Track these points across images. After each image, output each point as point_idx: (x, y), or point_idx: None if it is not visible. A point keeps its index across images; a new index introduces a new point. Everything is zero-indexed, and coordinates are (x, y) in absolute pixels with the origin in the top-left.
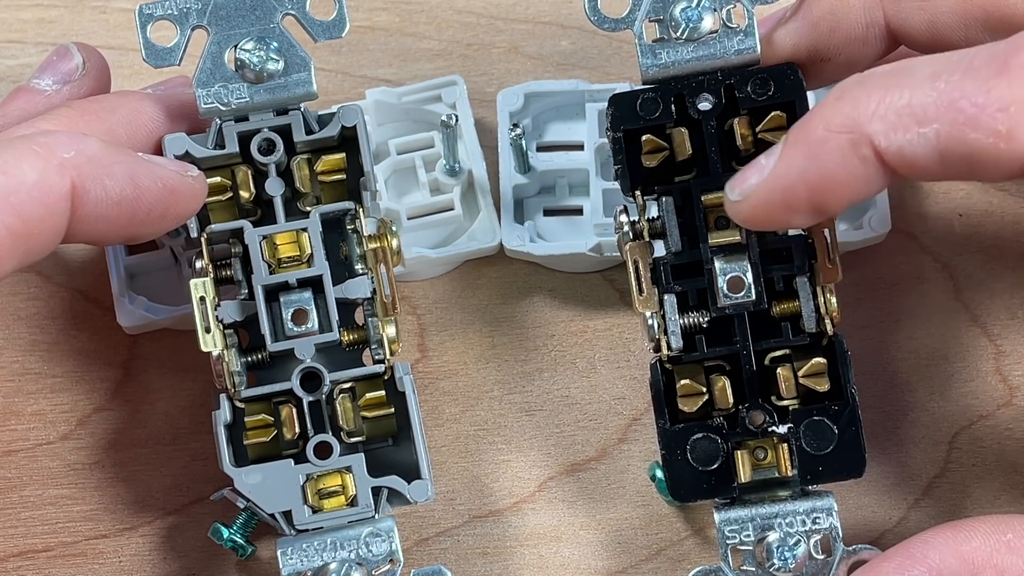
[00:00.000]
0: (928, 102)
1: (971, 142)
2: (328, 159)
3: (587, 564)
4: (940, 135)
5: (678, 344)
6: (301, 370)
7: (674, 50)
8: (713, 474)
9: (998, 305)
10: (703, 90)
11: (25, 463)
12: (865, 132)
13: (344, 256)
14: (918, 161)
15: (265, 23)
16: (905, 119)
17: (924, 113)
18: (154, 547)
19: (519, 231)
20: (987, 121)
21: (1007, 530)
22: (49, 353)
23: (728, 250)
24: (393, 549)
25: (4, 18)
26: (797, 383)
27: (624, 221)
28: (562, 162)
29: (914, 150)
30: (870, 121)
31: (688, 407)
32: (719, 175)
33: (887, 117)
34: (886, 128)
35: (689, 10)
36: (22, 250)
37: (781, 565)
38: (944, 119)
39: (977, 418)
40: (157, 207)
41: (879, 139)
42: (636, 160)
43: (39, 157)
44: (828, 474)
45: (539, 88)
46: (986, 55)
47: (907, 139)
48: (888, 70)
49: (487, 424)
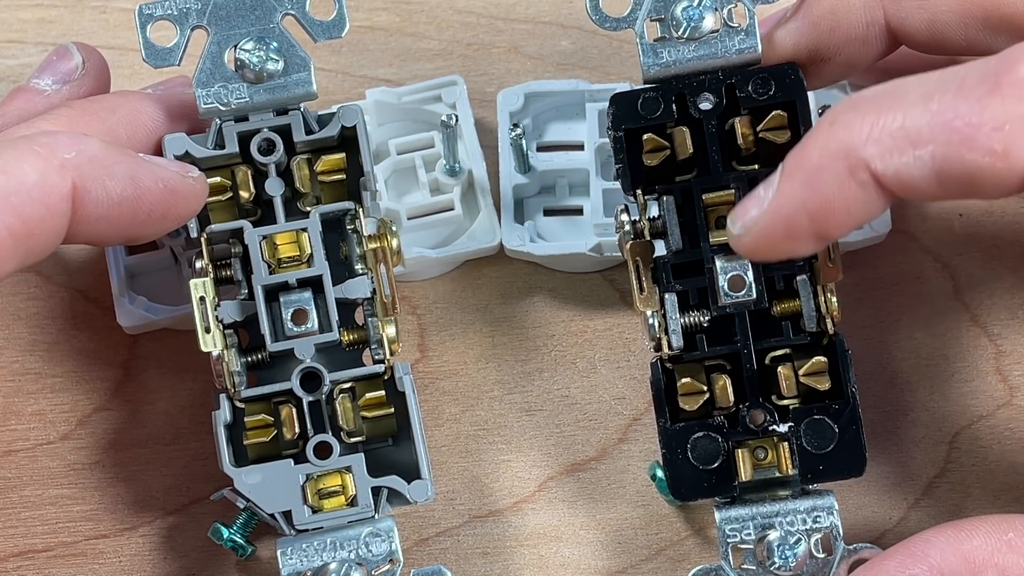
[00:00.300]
0: (922, 123)
1: (968, 162)
2: (328, 159)
3: (587, 564)
4: (936, 156)
5: (679, 343)
6: (301, 370)
7: (675, 49)
8: (714, 473)
9: (998, 305)
10: (704, 90)
11: (25, 463)
12: (861, 157)
13: (344, 256)
14: (916, 183)
15: (265, 23)
16: (900, 141)
17: (919, 135)
18: (154, 547)
19: (519, 231)
20: (983, 141)
21: (1008, 529)
22: (49, 353)
23: (729, 249)
24: (393, 549)
25: (4, 18)
26: (798, 382)
27: (625, 220)
28: (562, 162)
29: (911, 172)
30: (865, 145)
31: (689, 406)
32: (720, 174)
33: (882, 140)
34: (881, 151)
35: (690, 9)
36: (23, 250)
37: (782, 564)
38: (939, 140)
39: (977, 418)
40: (158, 208)
41: (875, 163)
42: (637, 159)
43: (40, 157)
44: (829, 473)
45: (539, 88)
46: (977, 73)
47: (903, 162)
48: (879, 92)
49: (487, 424)
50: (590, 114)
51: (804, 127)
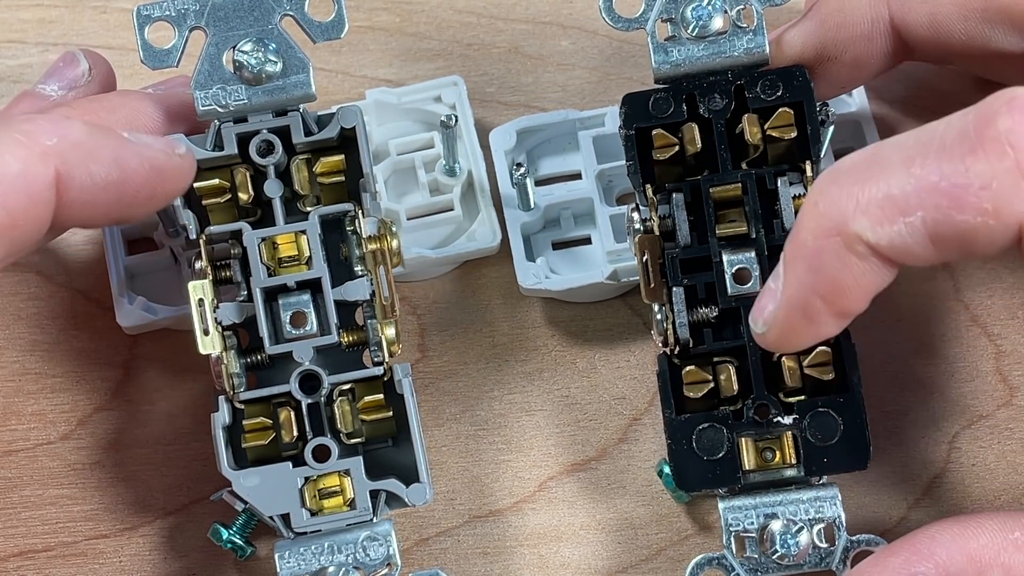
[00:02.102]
0: (908, 190)
1: (960, 223)
2: (327, 160)
3: (587, 564)
4: (928, 221)
5: (685, 336)
6: (300, 373)
7: (685, 48)
8: (718, 463)
9: (998, 305)
10: (714, 91)
11: (25, 463)
12: (853, 231)
13: (344, 257)
14: (911, 249)
15: (263, 24)
16: (888, 211)
17: (906, 202)
18: (154, 547)
19: (533, 269)
20: (972, 201)
21: (1015, 527)
22: (49, 353)
23: (736, 242)
24: (390, 553)
25: (4, 18)
26: (802, 374)
27: (636, 218)
28: (563, 194)
29: (904, 240)
30: (854, 219)
31: (694, 393)
32: (728, 172)
33: (869, 211)
34: (872, 223)
35: (700, 9)
36: (7, 240)
37: (784, 552)
38: (928, 205)
39: (977, 418)
40: (145, 188)
41: (867, 235)
42: (648, 157)
43: (21, 146)
44: (832, 466)
45: (529, 124)
46: (956, 132)
47: (895, 231)
48: (856, 161)
49: (487, 424)
50: (584, 142)
51: (811, 127)
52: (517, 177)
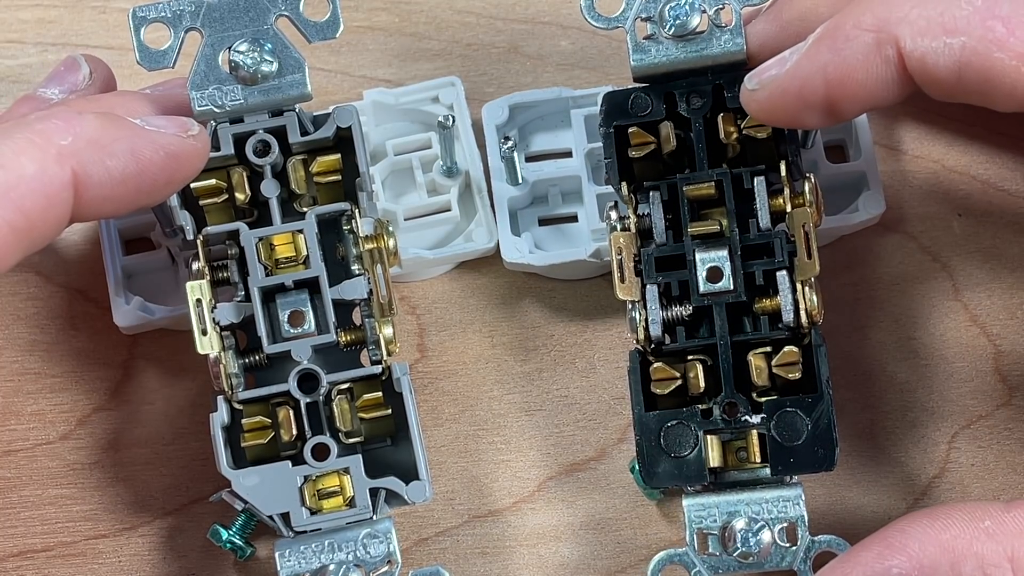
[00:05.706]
0: (961, 15)
1: (994, 61)
2: (323, 160)
3: (587, 564)
4: (965, 48)
5: (657, 333)
6: (298, 372)
7: (663, 47)
8: (685, 461)
9: (998, 305)
10: (692, 91)
11: (25, 463)
12: (893, 33)
13: (341, 256)
14: (937, 71)
15: (259, 24)
16: (935, 26)
17: (955, 24)
18: (154, 547)
19: (518, 243)
20: (1015, 44)
21: (984, 517)
22: (49, 353)
23: (709, 241)
24: (391, 550)
25: (4, 18)
26: (771, 373)
27: (614, 216)
28: (552, 171)
29: (936, 59)
30: (900, 23)
31: (661, 390)
32: (705, 171)
33: (917, 22)
34: (913, 32)
35: (678, 8)
36: (26, 243)
37: (745, 550)
38: (973, 34)
39: (977, 418)
40: (162, 176)
41: (905, 41)
42: (626, 155)
43: (36, 147)
44: (799, 466)
45: (522, 99)
46: None
47: (932, 46)
48: None
49: (487, 424)
50: (576, 121)
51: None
52: (504, 151)
